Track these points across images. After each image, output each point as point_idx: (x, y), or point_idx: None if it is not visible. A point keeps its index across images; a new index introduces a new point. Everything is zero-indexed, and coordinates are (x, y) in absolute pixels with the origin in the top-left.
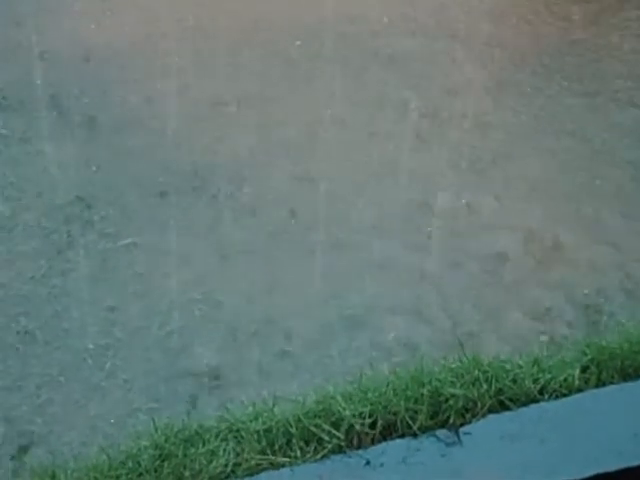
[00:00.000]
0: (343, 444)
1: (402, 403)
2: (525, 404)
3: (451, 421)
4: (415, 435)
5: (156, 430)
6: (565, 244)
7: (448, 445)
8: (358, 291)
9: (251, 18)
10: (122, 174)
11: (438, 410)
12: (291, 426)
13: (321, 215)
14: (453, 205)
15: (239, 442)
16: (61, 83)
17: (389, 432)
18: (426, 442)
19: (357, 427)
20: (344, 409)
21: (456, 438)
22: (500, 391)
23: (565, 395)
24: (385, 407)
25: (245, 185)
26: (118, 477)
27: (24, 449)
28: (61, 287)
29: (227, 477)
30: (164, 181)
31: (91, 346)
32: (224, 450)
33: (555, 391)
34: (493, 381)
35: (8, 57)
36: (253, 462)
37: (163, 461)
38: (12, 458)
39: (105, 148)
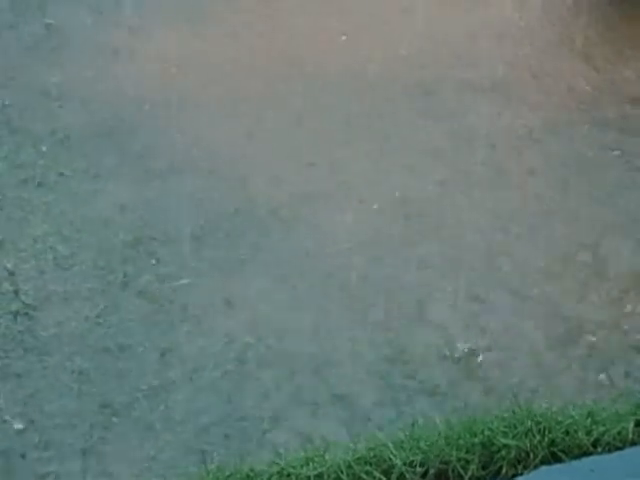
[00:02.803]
0: None
1: (454, 452)
2: (578, 456)
3: (503, 472)
4: None
5: (208, 473)
6: None
7: None
8: None
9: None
10: (179, 215)
11: (490, 460)
12: (342, 472)
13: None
14: None
15: None
16: (120, 125)
17: None
18: None
19: (408, 476)
20: (395, 457)
21: None
22: (553, 442)
23: (619, 448)
24: (437, 456)
25: (301, 226)
26: None
27: None
28: (116, 327)
29: None
30: (220, 223)
31: (145, 387)
32: None
33: (608, 444)
34: (546, 432)
35: (71, 98)
36: None
37: None
38: None
39: (162, 189)
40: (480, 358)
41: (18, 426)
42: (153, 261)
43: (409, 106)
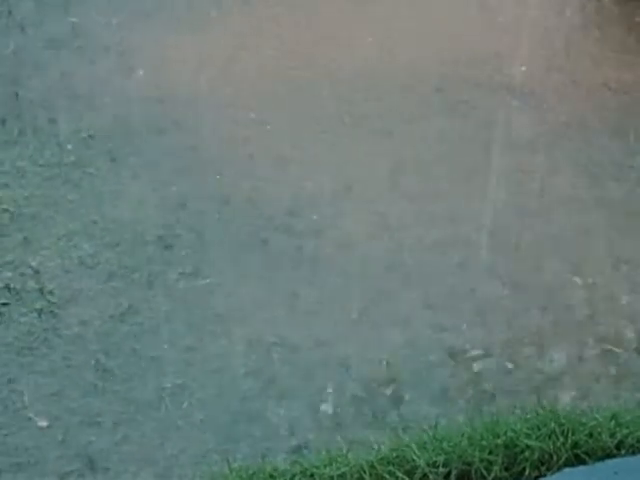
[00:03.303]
0: None
1: (477, 453)
2: (601, 458)
3: (526, 473)
4: None
5: (231, 472)
6: None
7: None
8: None
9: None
10: (203, 215)
11: (513, 462)
12: (365, 472)
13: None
14: None
15: None
16: (144, 124)
17: None
18: None
19: (431, 476)
20: (418, 457)
21: None
22: (576, 444)
23: None
24: (460, 457)
25: (328, 233)
26: None
27: None
28: (140, 325)
29: None
30: (247, 223)
31: (168, 385)
32: None
33: (632, 446)
34: (569, 434)
35: (96, 97)
36: None
37: None
38: None
39: (187, 188)
40: None
41: (42, 424)
42: (178, 260)
43: (441, 107)
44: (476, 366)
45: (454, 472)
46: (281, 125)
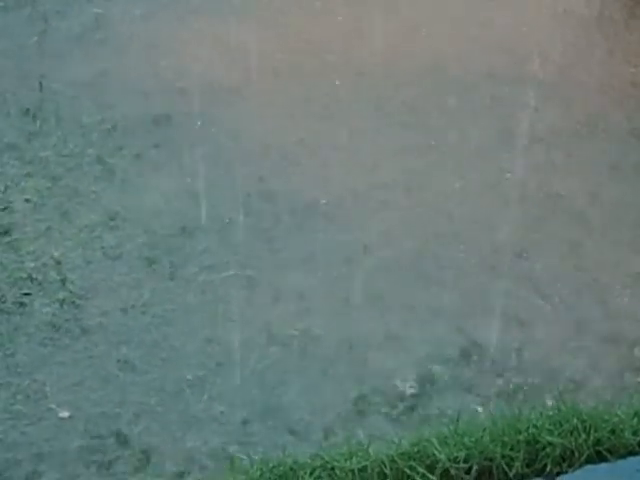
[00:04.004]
0: None
1: (498, 449)
2: (623, 456)
3: (548, 470)
4: None
5: (252, 464)
6: None
7: None
8: None
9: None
10: (226, 206)
11: (535, 458)
12: (385, 467)
13: None
14: None
15: None
16: (167, 116)
17: (484, 478)
18: None
19: (452, 472)
20: (439, 452)
21: None
22: (598, 442)
23: None
24: (481, 452)
25: (347, 222)
26: None
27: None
28: (161, 317)
29: None
30: (267, 213)
31: (189, 377)
32: None
33: None
34: (591, 431)
35: (119, 88)
36: None
37: None
38: None
39: (209, 180)
40: None
41: (63, 414)
42: (199, 252)
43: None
44: None
45: (475, 467)
46: (304, 115)
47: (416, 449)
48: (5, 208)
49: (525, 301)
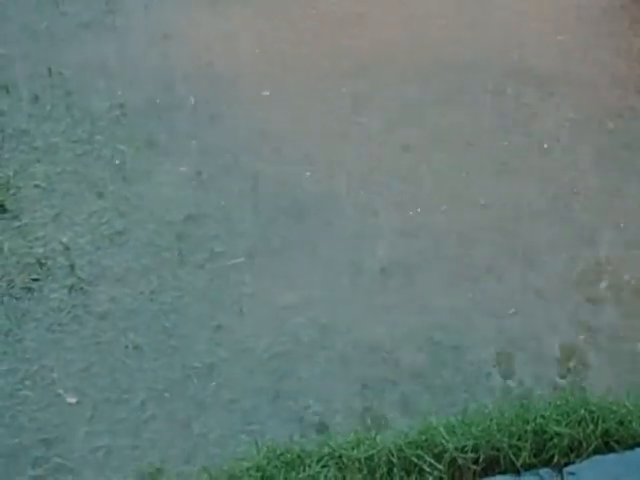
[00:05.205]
0: (444, 477)
1: (506, 439)
2: (631, 447)
3: (555, 460)
4: (518, 472)
5: (258, 452)
6: None
7: None
8: None
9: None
10: (234, 193)
11: (542, 448)
12: (393, 455)
13: None
14: None
15: (340, 469)
16: (175, 103)
17: (491, 468)
18: None
19: (460, 461)
20: (447, 441)
21: (560, 478)
22: (606, 432)
23: None
24: (488, 442)
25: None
26: None
27: (127, 463)
28: (170, 304)
29: None
30: (276, 202)
31: (197, 364)
32: (325, 476)
33: None
34: (600, 422)
35: (128, 75)
36: None
37: None
38: (115, 471)
39: (218, 167)
40: None
41: (71, 400)
42: (208, 239)
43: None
44: None
45: (482, 457)
46: (313, 108)
47: (424, 438)
48: (14, 193)
49: None
